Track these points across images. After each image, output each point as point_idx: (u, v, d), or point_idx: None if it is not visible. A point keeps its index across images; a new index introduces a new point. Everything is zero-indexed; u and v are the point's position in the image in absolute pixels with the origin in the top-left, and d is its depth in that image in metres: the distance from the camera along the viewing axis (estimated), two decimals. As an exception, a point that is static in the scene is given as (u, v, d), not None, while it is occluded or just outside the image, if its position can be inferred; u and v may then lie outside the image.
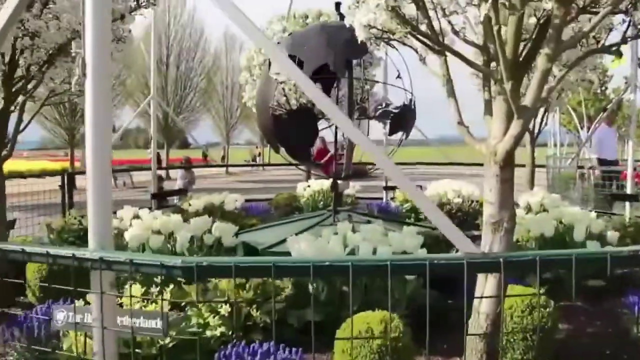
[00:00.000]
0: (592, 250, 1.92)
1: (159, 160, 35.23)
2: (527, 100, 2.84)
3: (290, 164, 8.33)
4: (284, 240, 6.88)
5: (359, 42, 3.50)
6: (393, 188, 12.97)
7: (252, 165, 35.66)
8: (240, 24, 2.95)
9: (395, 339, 3.30)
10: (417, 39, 3.36)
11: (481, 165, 3.26)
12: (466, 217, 9.00)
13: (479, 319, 3.12)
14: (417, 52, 3.64)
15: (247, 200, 11.07)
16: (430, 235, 5.53)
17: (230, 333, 4.14)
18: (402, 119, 7.51)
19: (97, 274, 2.24)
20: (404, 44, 3.79)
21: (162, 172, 17.88)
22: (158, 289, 4.10)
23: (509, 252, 2.64)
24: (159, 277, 4.30)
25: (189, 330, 3.92)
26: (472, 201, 9.92)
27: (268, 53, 2.35)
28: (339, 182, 7.45)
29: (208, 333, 4.05)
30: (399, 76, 7.21)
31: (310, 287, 4.48)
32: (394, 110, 7.93)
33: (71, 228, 8.05)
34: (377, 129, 9.16)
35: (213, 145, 49.69)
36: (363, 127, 7.42)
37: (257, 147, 49.29)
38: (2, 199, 5.47)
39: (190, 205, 9.43)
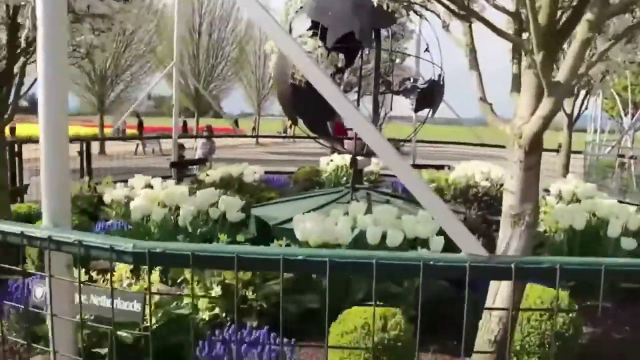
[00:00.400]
0: (627, 261, 1.52)
1: (186, 129, 35.25)
2: (560, 76, 2.41)
3: (309, 137, 7.99)
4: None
5: (387, 10, 3.12)
6: (419, 167, 12.54)
7: (282, 137, 35.35)
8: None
9: (395, 337, 2.97)
10: (441, 2, 2.96)
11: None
12: (493, 201, 8.52)
13: (490, 322, 2.76)
14: (439, 17, 3.23)
15: (267, 173, 10.80)
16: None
17: (223, 315, 3.88)
18: (429, 95, 7.07)
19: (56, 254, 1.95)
20: (426, 8, 3.38)
21: (187, 141, 17.74)
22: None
23: (523, 257, 2.26)
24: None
25: (178, 312, 3.66)
26: (501, 185, 9.45)
27: (266, 28, 1.94)
28: (359, 158, 7.08)
29: (201, 315, 3.80)
30: (427, 49, 6.75)
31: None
32: (421, 86, 7.50)
33: (84, 196, 7.89)
34: (404, 104, 8.72)
35: (246, 116, 49.44)
36: (387, 101, 6.99)
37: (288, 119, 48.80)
38: (2, 165, 5.27)
39: (207, 175, 9.18)
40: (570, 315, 3.19)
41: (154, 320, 3.25)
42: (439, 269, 1.63)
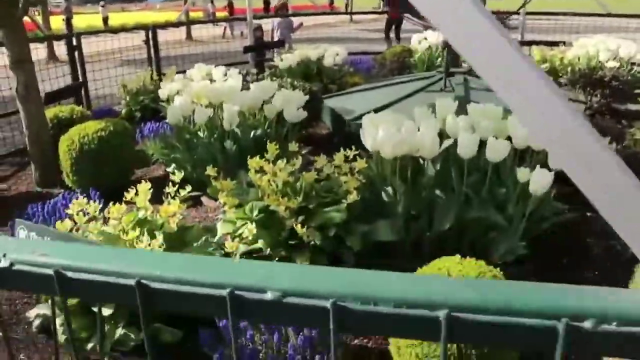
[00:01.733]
0: None
1: (267, 8, 33.71)
2: None
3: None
4: (375, 111, 5.52)
5: None
6: (529, 43, 10.71)
7: (376, 13, 33.05)
8: None
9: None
10: None
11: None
12: (622, 86, 6.85)
13: None
14: None
15: (351, 54, 9.58)
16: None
17: (267, 251, 3.05)
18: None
19: None
20: None
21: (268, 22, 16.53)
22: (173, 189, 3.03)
23: None
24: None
25: (209, 250, 2.87)
26: (633, 65, 7.67)
27: None
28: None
29: (241, 247, 2.99)
30: None
31: (383, 193, 3.18)
32: None
33: (147, 89, 7.21)
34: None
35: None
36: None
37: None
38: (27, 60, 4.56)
39: (282, 60, 8.14)
40: None
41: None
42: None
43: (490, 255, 3.05)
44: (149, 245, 2.44)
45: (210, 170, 3.26)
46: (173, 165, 4.28)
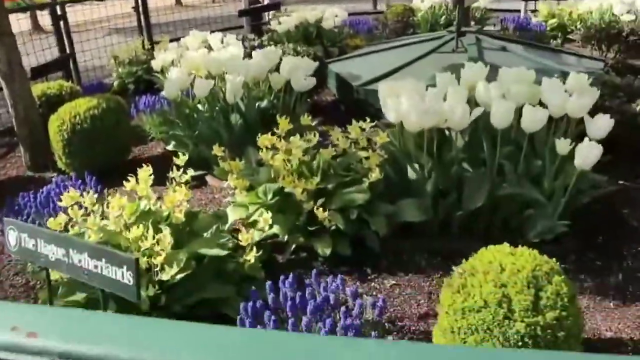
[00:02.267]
0: None
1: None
2: None
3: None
4: (385, 75, 5.19)
5: None
6: (535, -2, 10.25)
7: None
8: None
9: (557, 319, 1.72)
10: None
11: None
12: (631, 39, 6.46)
13: None
14: None
15: (352, 15, 9.13)
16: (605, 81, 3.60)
17: (284, 237, 2.78)
18: None
19: None
20: None
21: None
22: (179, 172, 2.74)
23: None
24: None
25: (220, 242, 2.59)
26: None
27: None
28: (465, -8, 5.38)
29: (256, 235, 2.71)
30: None
31: (410, 169, 2.88)
32: None
33: (139, 60, 6.82)
34: None
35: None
36: None
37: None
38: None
39: (279, 23, 7.71)
40: None
41: (173, 270, 2.20)
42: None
43: (525, 234, 2.80)
44: (157, 243, 2.16)
45: (217, 150, 2.97)
46: (173, 142, 3.98)
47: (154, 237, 2.21)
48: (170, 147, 4.01)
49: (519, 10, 10.51)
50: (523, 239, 2.74)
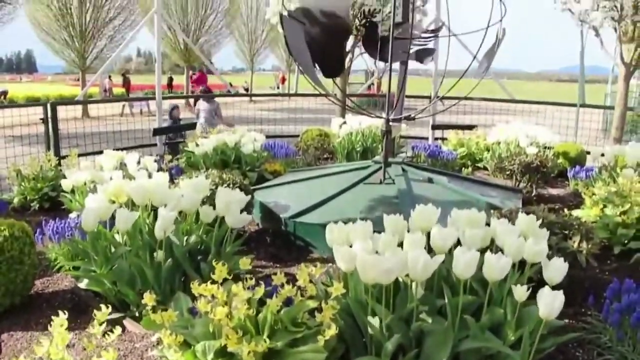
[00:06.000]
0: None
1: (171, 86, 33.22)
2: None
3: (321, 95, 6.34)
4: (314, 207, 5.06)
5: None
6: (441, 127, 10.88)
7: (277, 95, 33.54)
8: None
9: None
10: None
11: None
12: (542, 170, 6.85)
13: None
14: None
15: (268, 137, 9.07)
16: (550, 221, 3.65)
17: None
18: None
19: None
20: None
21: (181, 102, 15.94)
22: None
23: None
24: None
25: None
26: (547, 149, 7.86)
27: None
28: (393, 124, 5.50)
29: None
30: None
31: (367, 326, 2.63)
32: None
33: (46, 176, 6.29)
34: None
35: (238, 72, 47.25)
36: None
37: (280, 73, 47.24)
38: None
39: (197, 145, 7.49)
40: None
41: None
42: None
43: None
44: None
45: (148, 299, 2.58)
46: (86, 280, 3.49)
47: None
48: (82, 285, 3.52)
49: (427, 138, 11.08)
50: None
